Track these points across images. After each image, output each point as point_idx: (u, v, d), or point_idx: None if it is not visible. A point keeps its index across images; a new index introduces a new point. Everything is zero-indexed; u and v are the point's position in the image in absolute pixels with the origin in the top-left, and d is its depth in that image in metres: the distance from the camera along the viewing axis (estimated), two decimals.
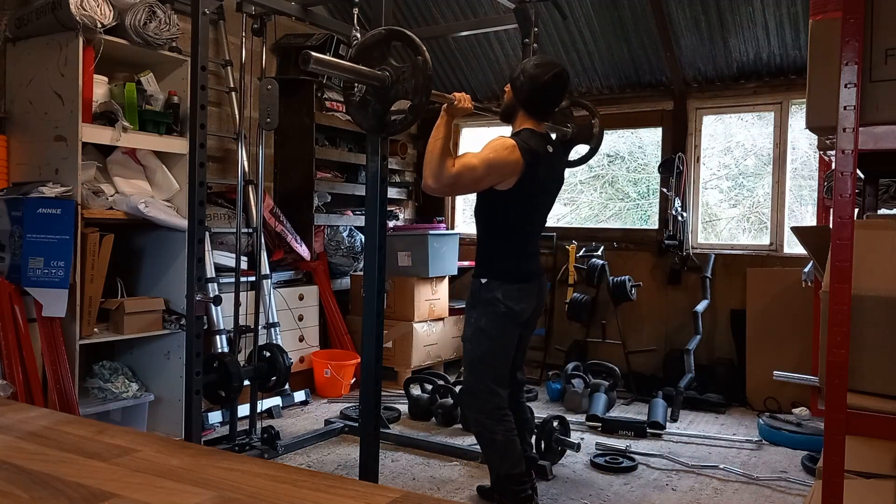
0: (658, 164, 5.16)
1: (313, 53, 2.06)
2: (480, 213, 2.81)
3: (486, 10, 4.99)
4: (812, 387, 3.72)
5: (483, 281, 2.75)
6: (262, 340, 3.70)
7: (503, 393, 2.78)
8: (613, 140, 5.63)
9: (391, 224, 5.75)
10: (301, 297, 4.70)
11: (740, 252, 4.98)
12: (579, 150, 3.23)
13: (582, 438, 3.81)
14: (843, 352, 1.48)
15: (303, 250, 4.63)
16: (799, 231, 2.72)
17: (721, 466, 3.46)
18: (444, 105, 2.62)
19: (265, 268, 4.16)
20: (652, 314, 5.20)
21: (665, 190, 5.07)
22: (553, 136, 2.95)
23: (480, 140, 4.53)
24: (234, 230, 3.78)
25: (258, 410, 3.63)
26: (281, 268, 4.64)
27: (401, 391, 4.61)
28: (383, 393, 3.25)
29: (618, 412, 4.36)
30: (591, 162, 3.36)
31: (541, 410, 4.29)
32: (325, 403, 4.50)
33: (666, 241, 5.00)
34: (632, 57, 5.07)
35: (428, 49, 2.28)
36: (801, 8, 4.32)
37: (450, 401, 4.12)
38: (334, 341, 4.94)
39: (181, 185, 3.57)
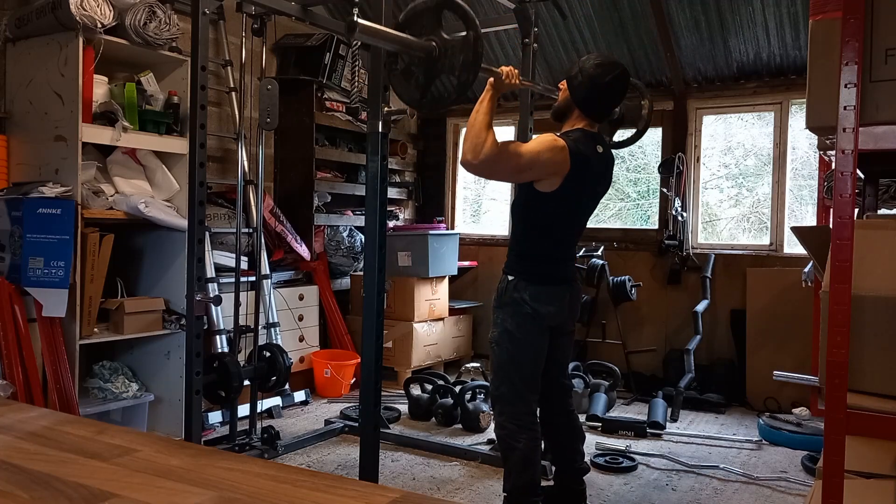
0: (658, 164, 5.16)
1: (359, 21, 1.95)
2: (520, 211, 2.70)
3: (486, 10, 4.99)
4: (812, 387, 3.72)
5: (510, 279, 2.64)
6: (262, 340, 3.70)
7: (532, 399, 2.67)
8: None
9: (391, 224, 5.75)
10: (301, 297, 4.70)
11: (740, 252, 4.98)
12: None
13: None
14: (843, 352, 1.48)
15: (303, 250, 4.63)
16: (799, 231, 2.71)
17: (721, 466, 3.46)
18: (491, 79, 2.52)
19: (265, 268, 4.16)
20: (652, 314, 5.19)
21: (665, 190, 5.07)
22: (605, 137, 2.82)
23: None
24: (234, 230, 3.78)
25: (258, 410, 3.63)
26: (281, 268, 4.64)
27: (401, 391, 4.61)
28: (383, 393, 3.25)
29: (618, 412, 4.37)
30: None
31: None
32: (325, 403, 4.50)
33: (666, 241, 5.00)
34: (632, 57, 5.06)
35: None
36: (801, 8, 4.32)
37: (450, 401, 4.12)
38: (334, 341, 4.95)
39: (181, 185, 3.57)
